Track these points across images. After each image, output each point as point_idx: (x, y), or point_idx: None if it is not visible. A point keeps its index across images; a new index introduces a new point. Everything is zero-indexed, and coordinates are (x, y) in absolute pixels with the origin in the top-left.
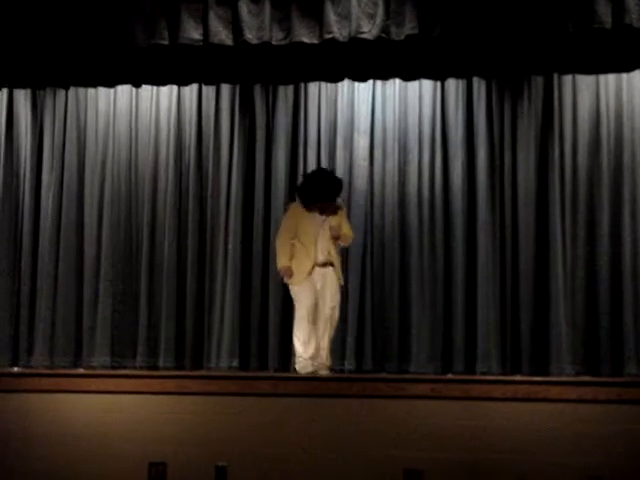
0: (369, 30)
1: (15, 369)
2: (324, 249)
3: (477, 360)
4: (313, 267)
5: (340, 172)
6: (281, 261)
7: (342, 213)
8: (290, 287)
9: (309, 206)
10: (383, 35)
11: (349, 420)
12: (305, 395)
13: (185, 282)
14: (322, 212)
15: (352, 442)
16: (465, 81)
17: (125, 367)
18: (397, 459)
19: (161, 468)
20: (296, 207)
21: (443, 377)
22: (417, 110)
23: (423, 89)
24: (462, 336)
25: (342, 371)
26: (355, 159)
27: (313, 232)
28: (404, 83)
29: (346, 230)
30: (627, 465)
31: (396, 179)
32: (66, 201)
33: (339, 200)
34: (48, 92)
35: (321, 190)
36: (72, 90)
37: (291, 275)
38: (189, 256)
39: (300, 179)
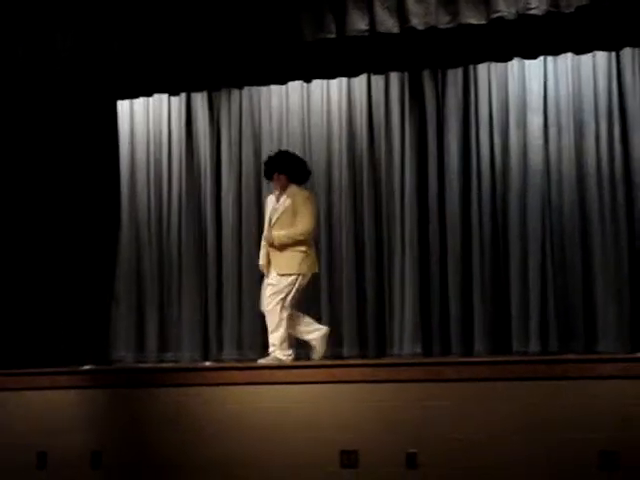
0: (538, 5)
1: (207, 363)
2: None
3: None
4: None
5: (514, 152)
6: None
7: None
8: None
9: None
10: (552, 9)
11: (537, 403)
12: (488, 379)
13: (364, 271)
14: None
15: (541, 425)
16: None
17: (309, 357)
18: (590, 441)
19: (353, 455)
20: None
21: (634, 356)
22: (592, 83)
23: (597, 61)
24: None
25: (526, 353)
26: (529, 138)
27: None
28: (577, 57)
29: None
30: None
31: (573, 156)
32: (245, 198)
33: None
34: (223, 93)
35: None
36: (246, 89)
37: None
38: (366, 246)
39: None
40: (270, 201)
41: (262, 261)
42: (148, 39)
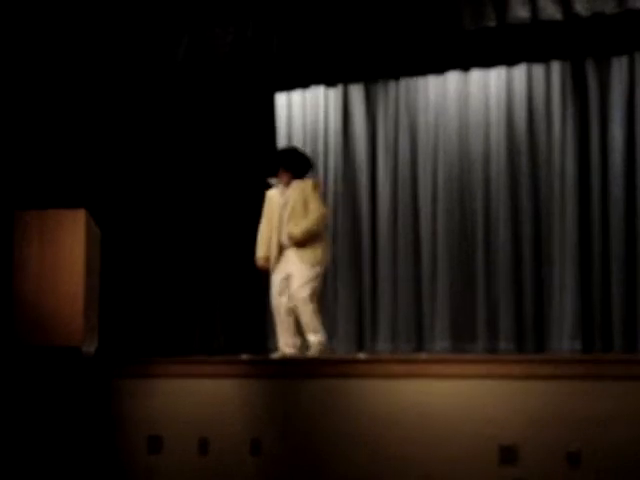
0: None
1: (361, 355)
2: None
3: None
4: None
5: None
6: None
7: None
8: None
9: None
10: None
11: None
12: None
13: (521, 264)
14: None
15: None
16: None
17: (465, 351)
18: None
19: (512, 450)
20: None
21: None
22: None
23: None
24: None
25: None
26: None
27: None
28: None
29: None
30: None
31: None
32: (401, 189)
33: None
34: (380, 84)
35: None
36: (403, 80)
37: None
38: (524, 238)
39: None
40: (274, 197)
41: (264, 254)
42: (306, 31)
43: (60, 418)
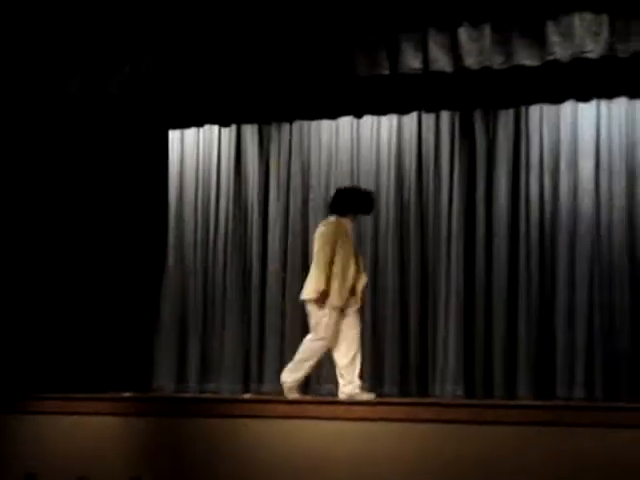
0: (593, 49)
1: (247, 395)
2: None
3: None
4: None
5: (564, 196)
6: None
7: None
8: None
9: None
10: (608, 53)
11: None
12: (538, 423)
13: (407, 309)
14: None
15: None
16: None
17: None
18: None
19: None
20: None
21: None
22: None
23: None
24: None
25: (570, 399)
26: (580, 183)
27: None
28: (631, 101)
29: None
30: None
31: (624, 202)
32: (292, 231)
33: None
34: (274, 126)
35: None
36: (296, 123)
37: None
38: (411, 283)
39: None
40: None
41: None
42: (201, 71)
43: None
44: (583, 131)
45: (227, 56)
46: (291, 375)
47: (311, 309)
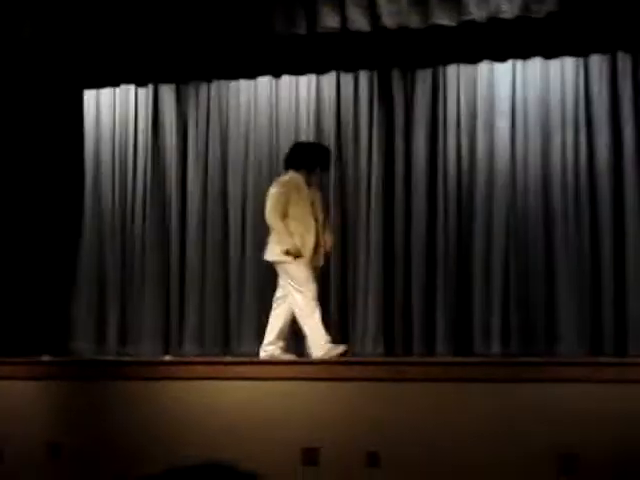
0: (509, 9)
1: (167, 357)
2: None
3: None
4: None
5: (481, 154)
6: None
7: None
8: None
9: None
10: (523, 14)
11: (497, 405)
12: (457, 380)
13: (328, 270)
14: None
15: (499, 429)
16: (609, 56)
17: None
18: (550, 445)
19: (314, 453)
20: None
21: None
22: (559, 89)
23: (565, 67)
24: (611, 321)
25: (487, 355)
26: (496, 141)
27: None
28: (545, 62)
29: None
30: None
31: (539, 161)
32: (210, 190)
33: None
34: (191, 86)
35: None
36: (215, 83)
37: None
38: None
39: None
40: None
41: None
42: (116, 28)
43: None
44: (499, 90)
45: (143, 13)
46: (313, 338)
47: (284, 268)
